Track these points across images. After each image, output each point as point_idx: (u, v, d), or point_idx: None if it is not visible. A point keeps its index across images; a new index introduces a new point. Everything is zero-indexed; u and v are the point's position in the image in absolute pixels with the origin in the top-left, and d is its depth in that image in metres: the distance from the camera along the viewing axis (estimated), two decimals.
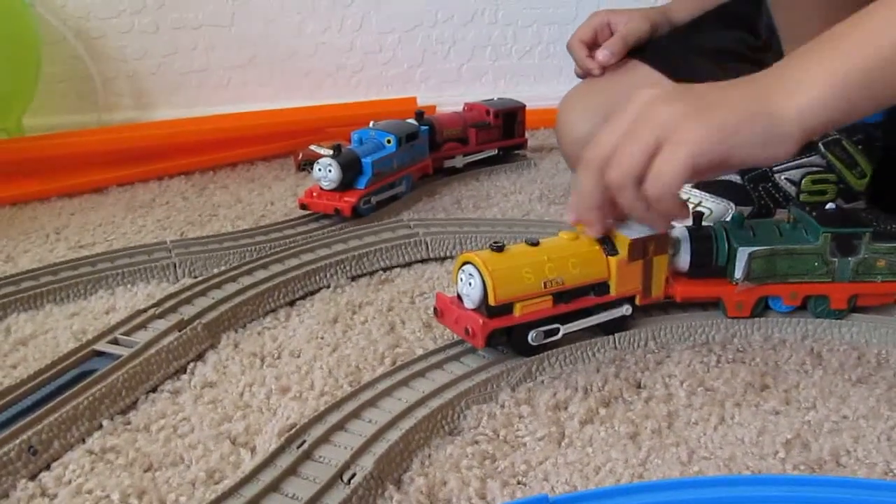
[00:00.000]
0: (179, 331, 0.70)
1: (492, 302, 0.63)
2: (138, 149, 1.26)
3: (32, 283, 0.80)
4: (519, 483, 0.54)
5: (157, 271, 0.84)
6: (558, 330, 0.67)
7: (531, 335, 0.66)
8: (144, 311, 0.73)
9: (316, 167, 0.96)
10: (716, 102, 0.61)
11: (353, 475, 0.52)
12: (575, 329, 0.68)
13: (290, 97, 1.51)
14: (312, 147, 1.26)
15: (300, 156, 1.26)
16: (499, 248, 0.65)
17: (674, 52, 1.10)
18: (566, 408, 0.61)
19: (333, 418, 0.58)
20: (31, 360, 0.69)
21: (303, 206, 0.97)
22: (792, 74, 0.62)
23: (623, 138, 0.62)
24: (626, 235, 0.67)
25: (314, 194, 0.97)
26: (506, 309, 0.64)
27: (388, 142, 1.03)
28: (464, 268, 0.65)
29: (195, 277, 0.84)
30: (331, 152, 0.97)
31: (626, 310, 0.70)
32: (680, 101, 0.61)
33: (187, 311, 0.73)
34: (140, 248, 0.88)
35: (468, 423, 0.60)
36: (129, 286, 0.82)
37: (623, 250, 0.67)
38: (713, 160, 0.60)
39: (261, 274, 0.81)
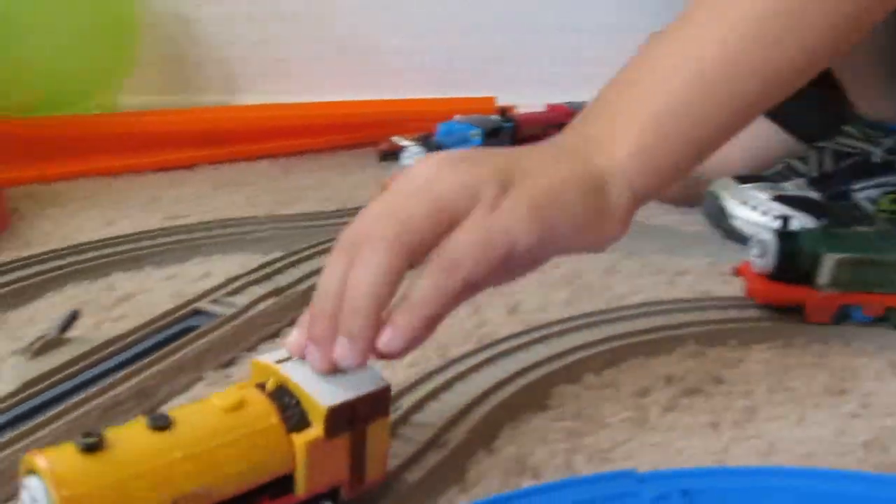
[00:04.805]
0: (276, 297, 0.73)
1: None
2: (227, 130, 1.30)
3: (133, 246, 0.85)
4: (603, 459, 0.56)
5: (249, 243, 0.88)
6: None
7: None
8: (241, 276, 0.77)
9: (405, 156, 1.00)
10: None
11: (447, 440, 0.55)
12: None
13: (372, 90, 1.54)
14: (394, 139, 1.29)
15: (383, 146, 1.30)
16: (91, 446, 0.37)
17: None
18: (649, 394, 0.63)
19: (425, 388, 0.61)
20: (134, 314, 0.73)
21: None
22: (596, 133, 0.52)
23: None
24: (319, 400, 0.43)
25: None
26: None
27: (474, 135, 1.06)
28: (27, 481, 0.37)
29: (285, 251, 0.87)
30: (413, 143, 1.00)
31: None
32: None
33: (281, 280, 0.77)
34: (233, 220, 0.92)
35: (554, 401, 0.62)
36: (223, 255, 0.86)
37: (317, 422, 0.43)
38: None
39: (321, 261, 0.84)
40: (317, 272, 0.78)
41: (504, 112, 1.15)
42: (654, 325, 0.71)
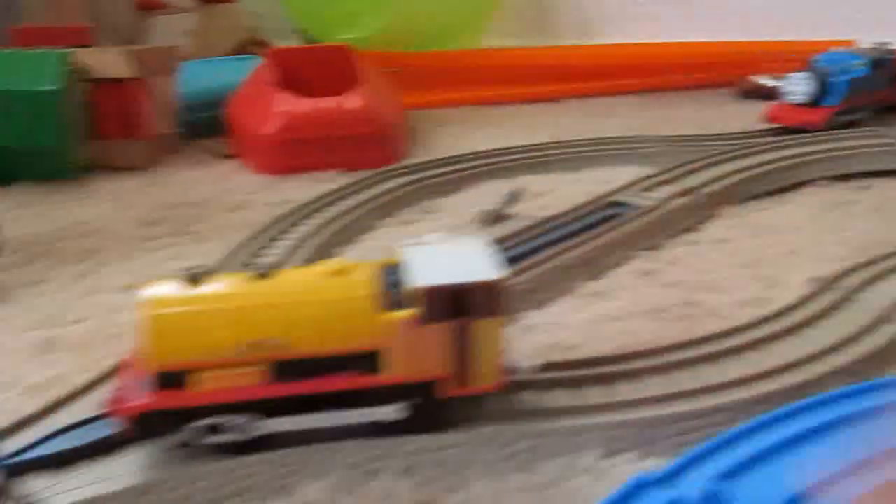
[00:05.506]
0: (683, 196, 0.78)
1: (151, 364, 0.40)
2: (585, 67, 1.37)
3: (539, 154, 0.93)
4: None
5: (639, 156, 0.93)
6: (256, 430, 0.41)
7: (192, 429, 0.41)
8: (652, 177, 0.82)
9: (785, 83, 1.00)
10: None
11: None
12: (303, 427, 0.42)
13: (723, 33, 1.54)
14: (753, 77, 1.30)
15: (744, 86, 1.31)
16: (192, 278, 0.42)
17: None
18: None
19: (858, 277, 0.62)
20: (555, 204, 0.79)
21: (770, 120, 1.01)
22: None
23: None
24: (419, 281, 0.41)
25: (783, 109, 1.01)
26: (180, 380, 0.41)
27: (859, 65, 1.03)
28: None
29: (676, 163, 0.90)
30: (773, 83, 1.01)
31: (397, 411, 0.42)
32: None
33: (686, 183, 0.81)
34: (622, 137, 0.98)
35: None
36: (618, 165, 0.92)
37: (416, 305, 0.41)
38: None
39: (731, 167, 0.86)
40: (716, 180, 0.82)
41: (885, 45, 1.11)
42: None
